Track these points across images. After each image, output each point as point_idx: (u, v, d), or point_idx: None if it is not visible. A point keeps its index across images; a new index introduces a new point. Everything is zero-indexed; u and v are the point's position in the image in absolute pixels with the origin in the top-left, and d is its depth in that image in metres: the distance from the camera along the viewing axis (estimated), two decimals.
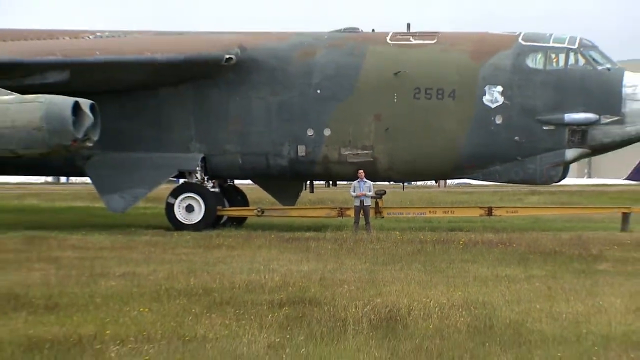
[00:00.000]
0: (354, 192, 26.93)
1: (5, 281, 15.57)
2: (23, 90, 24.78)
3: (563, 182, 30.03)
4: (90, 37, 30.34)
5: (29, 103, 23.84)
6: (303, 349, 10.29)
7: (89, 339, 10.73)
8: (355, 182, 27.02)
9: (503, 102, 27.07)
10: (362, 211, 26.75)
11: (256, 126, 28.33)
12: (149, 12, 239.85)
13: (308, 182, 31.40)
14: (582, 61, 27.16)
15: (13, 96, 24.28)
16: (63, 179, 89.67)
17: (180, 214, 28.04)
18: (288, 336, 10.94)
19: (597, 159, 79.77)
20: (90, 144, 24.82)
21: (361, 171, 26.91)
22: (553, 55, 27.30)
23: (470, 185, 71.58)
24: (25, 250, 20.97)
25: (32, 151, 24.17)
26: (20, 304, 13.19)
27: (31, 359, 9.82)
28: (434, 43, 28.22)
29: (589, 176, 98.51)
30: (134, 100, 28.50)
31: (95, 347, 10.35)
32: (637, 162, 77.05)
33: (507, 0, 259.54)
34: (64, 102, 23.76)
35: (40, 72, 26.87)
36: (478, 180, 30.05)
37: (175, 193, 28.32)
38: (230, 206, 30.24)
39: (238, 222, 30.38)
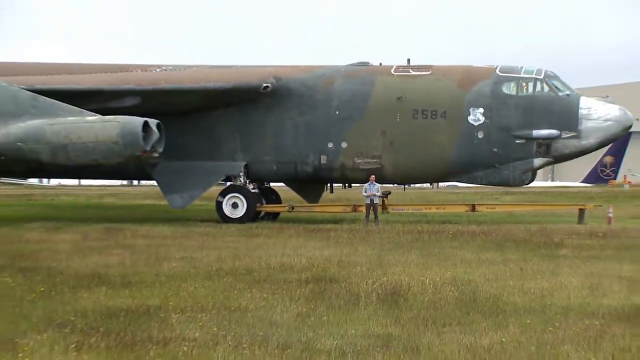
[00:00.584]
0: (365, 192, 26.86)
1: (90, 263, 15.67)
2: (104, 112, 24.90)
3: (532, 184, 29.86)
4: (157, 70, 30.43)
5: (108, 122, 23.95)
6: (324, 317, 10.31)
7: (155, 309, 10.79)
8: (366, 184, 26.95)
9: (484, 121, 26.96)
10: (371, 208, 26.69)
11: (288, 140, 28.34)
12: (205, 51, 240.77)
13: (328, 185, 31.38)
14: (546, 88, 27.01)
15: (96, 117, 24.40)
16: (135, 182, 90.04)
17: (227, 210, 28.05)
18: (312, 307, 10.95)
19: (558, 166, 79.33)
20: (157, 155, 24.93)
21: (372, 176, 26.92)
22: (524, 84, 27.16)
23: (457, 187, 71.16)
24: (105, 238, 21.07)
25: (110, 160, 24.26)
26: (101, 281, 13.28)
27: (109, 324, 9.87)
28: (429, 74, 28.14)
29: (552, 180, 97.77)
30: (191, 120, 28.57)
31: (160, 315, 10.40)
32: (590, 169, 76.68)
33: (489, 38, 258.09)
34: (136, 121, 23.87)
35: (118, 98, 27.02)
36: (464, 182, 29.88)
37: (224, 193, 28.36)
38: (267, 204, 30.24)
39: (273, 216, 30.43)
